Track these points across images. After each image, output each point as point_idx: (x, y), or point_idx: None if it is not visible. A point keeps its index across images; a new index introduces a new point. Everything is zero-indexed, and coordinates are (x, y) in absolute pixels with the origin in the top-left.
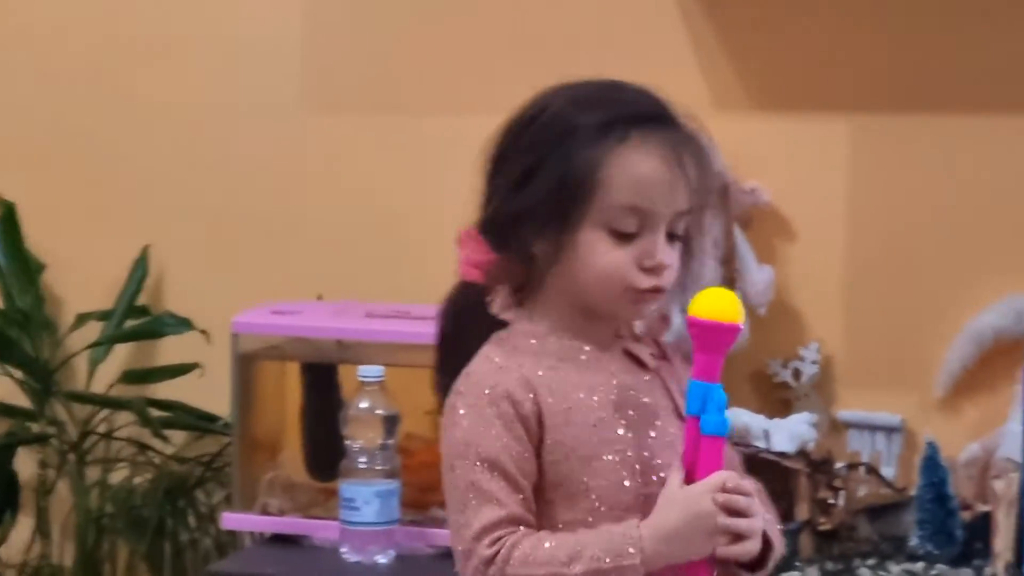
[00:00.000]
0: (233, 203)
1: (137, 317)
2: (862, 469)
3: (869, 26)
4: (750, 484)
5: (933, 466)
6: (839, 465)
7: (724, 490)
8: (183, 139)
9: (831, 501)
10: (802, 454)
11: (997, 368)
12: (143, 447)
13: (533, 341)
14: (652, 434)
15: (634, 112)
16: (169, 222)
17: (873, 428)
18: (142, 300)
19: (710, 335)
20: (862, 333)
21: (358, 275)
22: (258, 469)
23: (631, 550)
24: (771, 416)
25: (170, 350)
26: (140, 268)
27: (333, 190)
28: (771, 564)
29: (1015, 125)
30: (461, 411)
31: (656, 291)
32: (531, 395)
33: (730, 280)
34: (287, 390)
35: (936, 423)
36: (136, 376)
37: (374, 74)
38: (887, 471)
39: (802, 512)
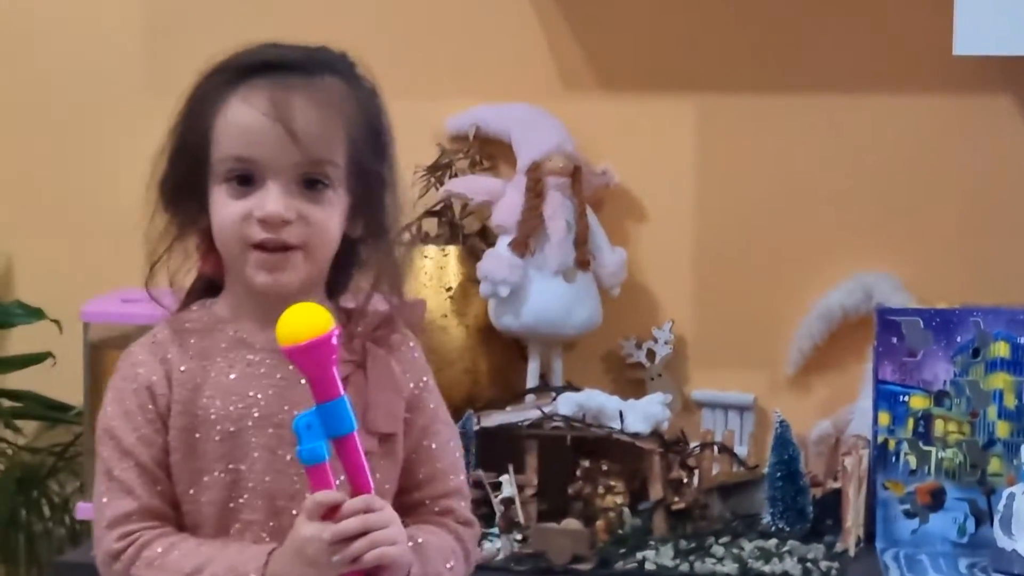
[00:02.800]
0: (82, 190)
1: None
2: (715, 448)
3: (714, 7)
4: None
5: (784, 444)
6: (692, 444)
7: (327, 534)
8: (29, 126)
9: (684, 480)
10: (656, 434)
11: (846, 346)
12: None
13: (197, 328)
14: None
15: (245, 64)
16: (17, 211)
17: (725, 407)
18: None
19: (309, 356)
20: (713, 313)
21: None
22: None
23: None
24: (625, 397)
25: (21, 340)
26: None
27: None
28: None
29: (860, 104)
30: (109, 393)
31: (277, 247)
32: (167, 391)
33: (584, 262)
34: None
35: (787, 401)
36: None
37: (220, 58)
38: (739, 450)
39: (656, 491)
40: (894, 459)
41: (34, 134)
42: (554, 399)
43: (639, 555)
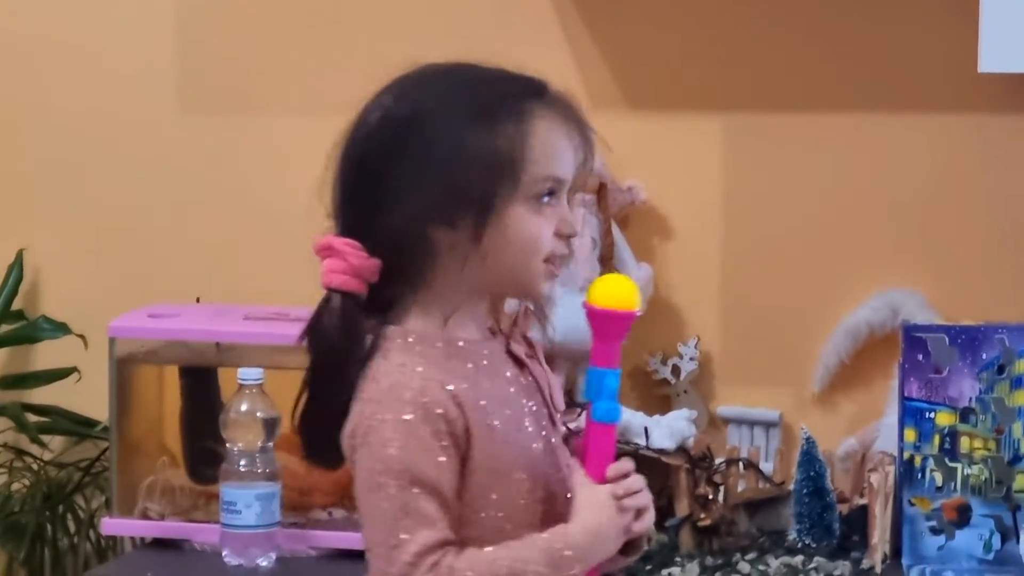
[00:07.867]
0: (109, 206)
1: (13, 322)
2: (741, 464)
3: (740, 26)
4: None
5: (810, 460)
6: (718, 460)
7: (621, 489)
8: (57, 141)
9: (711, 496)
10: (682, 450)
11: (872, 362)
12: (20, 453)
13: (439, 345)
14: (552, 441)
15: (525, 90)
16: (45, 225)
17: (751, 423)
18: (17, 304)
19: (607, 323)
20: (739, 329)
21: (236, 278)
22: (137, 473)
23: (567, 553)
24: (650, 413)
25: (47, 355)
26: (15, 272)
27: (209, 192)
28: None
29: (886, 122)
30: (390, 427)
31: (566, 259)
32: (460, 411)
33: None
34: (166, 394)
35: (813, 417)
36: (12, 381)
37: (250, 74)
38: (766, 466)
39: (682, 508)
40: (920, 475)
41: (63, 150)
42: (579, 415)
43: (666, 572)
